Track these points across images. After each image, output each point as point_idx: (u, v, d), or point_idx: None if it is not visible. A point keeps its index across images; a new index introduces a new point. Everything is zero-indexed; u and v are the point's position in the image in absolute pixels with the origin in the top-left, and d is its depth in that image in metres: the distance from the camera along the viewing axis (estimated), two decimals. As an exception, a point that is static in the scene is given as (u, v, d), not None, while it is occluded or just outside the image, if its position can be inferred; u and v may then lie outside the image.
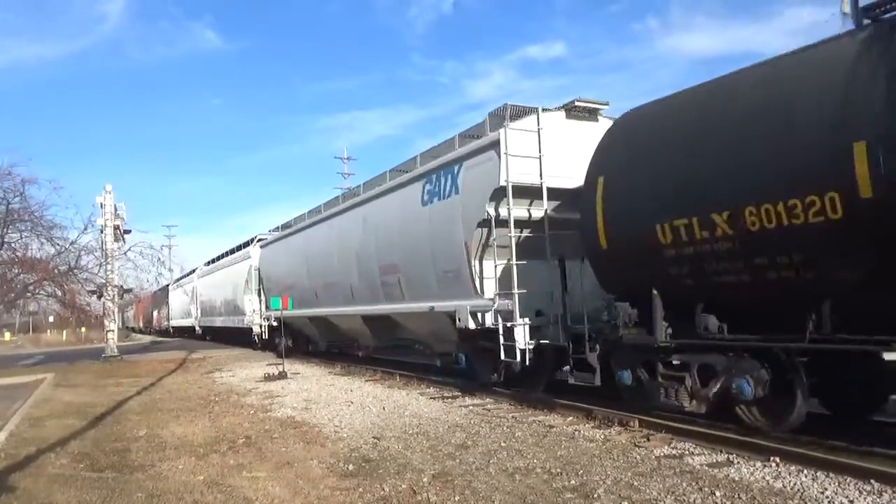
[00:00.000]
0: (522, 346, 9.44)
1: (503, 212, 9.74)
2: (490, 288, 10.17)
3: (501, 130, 9.62)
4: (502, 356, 9.74)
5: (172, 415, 10.27)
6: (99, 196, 24.53)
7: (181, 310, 41.70)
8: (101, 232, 24.13)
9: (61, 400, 12.69)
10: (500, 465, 6.21)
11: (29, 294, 23.89)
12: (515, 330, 9.45)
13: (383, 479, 5.92)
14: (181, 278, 41.38)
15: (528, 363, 9.53)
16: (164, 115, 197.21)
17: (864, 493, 4.98)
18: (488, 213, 9.83)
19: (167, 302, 46.91)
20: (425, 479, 5.83)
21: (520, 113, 10.00)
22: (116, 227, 24.34)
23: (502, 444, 7.12)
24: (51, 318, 52.35)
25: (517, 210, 9.73)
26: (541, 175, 9.67)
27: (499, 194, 9.69)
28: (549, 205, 9.76)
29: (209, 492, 5.79)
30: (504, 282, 9.85)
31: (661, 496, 5.12)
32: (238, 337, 26.16)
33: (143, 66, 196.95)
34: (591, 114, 10.31)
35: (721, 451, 6.39)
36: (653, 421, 7.58)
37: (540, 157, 9.69)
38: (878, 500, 4.86)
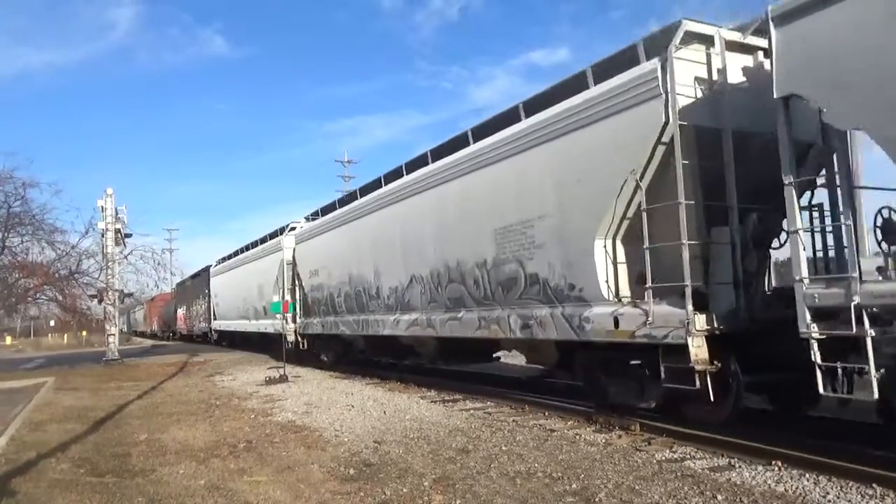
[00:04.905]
0: None
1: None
2: None
3: None
4: None
5: (173, 419, 10.26)
6: (100, 199, 24.38)
7: (240, 306, 25.73)
8: (102, 236, 24.09)
9: (62, 404, 12.68)
10: (501, 470, 6.20)
11: (29, 298, 23.94)
12: None
13: (384, 483, 5.91)
14: (234, 255, 27.10)
15: None
16: (167, 119, 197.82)
17: (866, 497, 4.97)
18: None
19: (207, 293, 31.15)
20: (426, 484, 5.82)
21: None
22: (117, 231, 24.23)
23: (503, 448, 7.11)
24: (52, 322, 52.41)
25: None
26: None
27: None
28: None
29: (210, 496, 5.79)
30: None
31: (662, 500, 5.11)
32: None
33: (151, 72, 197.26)
34: None
35: (722, 455, 6.39)
36: (654, 425, 7.57)
37: None
38: (879, 504, 4.85)
